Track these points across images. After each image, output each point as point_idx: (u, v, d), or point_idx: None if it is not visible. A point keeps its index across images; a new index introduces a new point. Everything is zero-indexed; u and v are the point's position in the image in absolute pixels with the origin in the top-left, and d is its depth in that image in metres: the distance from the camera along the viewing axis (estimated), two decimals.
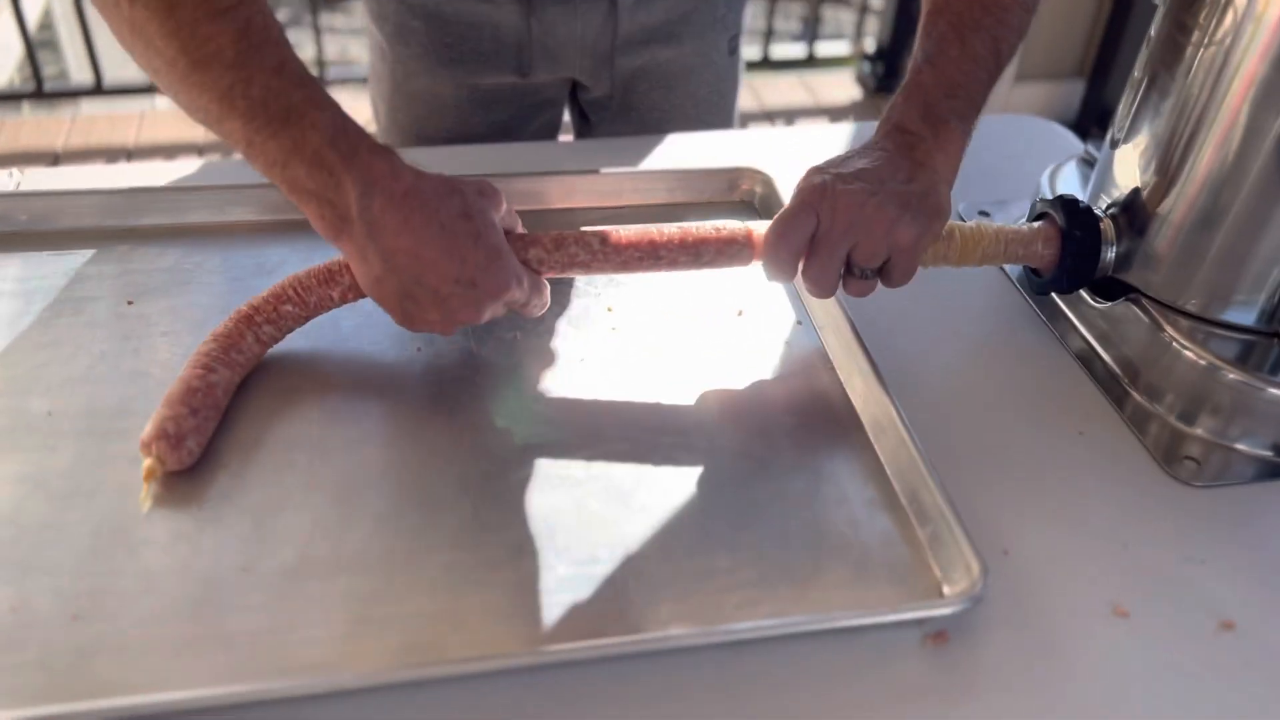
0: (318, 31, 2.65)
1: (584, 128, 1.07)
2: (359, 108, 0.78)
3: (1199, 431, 0.67)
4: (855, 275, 0.64)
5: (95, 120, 2.62)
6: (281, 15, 2.73)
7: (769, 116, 2.82)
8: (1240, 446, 0.67)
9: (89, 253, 0.75)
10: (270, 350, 0.67)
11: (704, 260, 0.65)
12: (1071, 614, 0.55)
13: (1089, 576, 0.58)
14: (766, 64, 3.03)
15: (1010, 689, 0.52)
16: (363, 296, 0.64)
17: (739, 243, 0.65)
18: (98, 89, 2.60)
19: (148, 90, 2.64)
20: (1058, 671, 0.53)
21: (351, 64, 3.07)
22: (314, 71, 2.56)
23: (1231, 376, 0.65)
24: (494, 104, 0.98)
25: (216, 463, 0.60)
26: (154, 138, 2.54)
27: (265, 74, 0.56)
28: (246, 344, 0.64)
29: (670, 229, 0.65)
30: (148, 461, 0.57)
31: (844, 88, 2.99)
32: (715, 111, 1.06)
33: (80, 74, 2.97)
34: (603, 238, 0.64)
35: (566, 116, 1.09)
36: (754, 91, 2.90)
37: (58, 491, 0.57)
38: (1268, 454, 0.66)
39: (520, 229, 0.65)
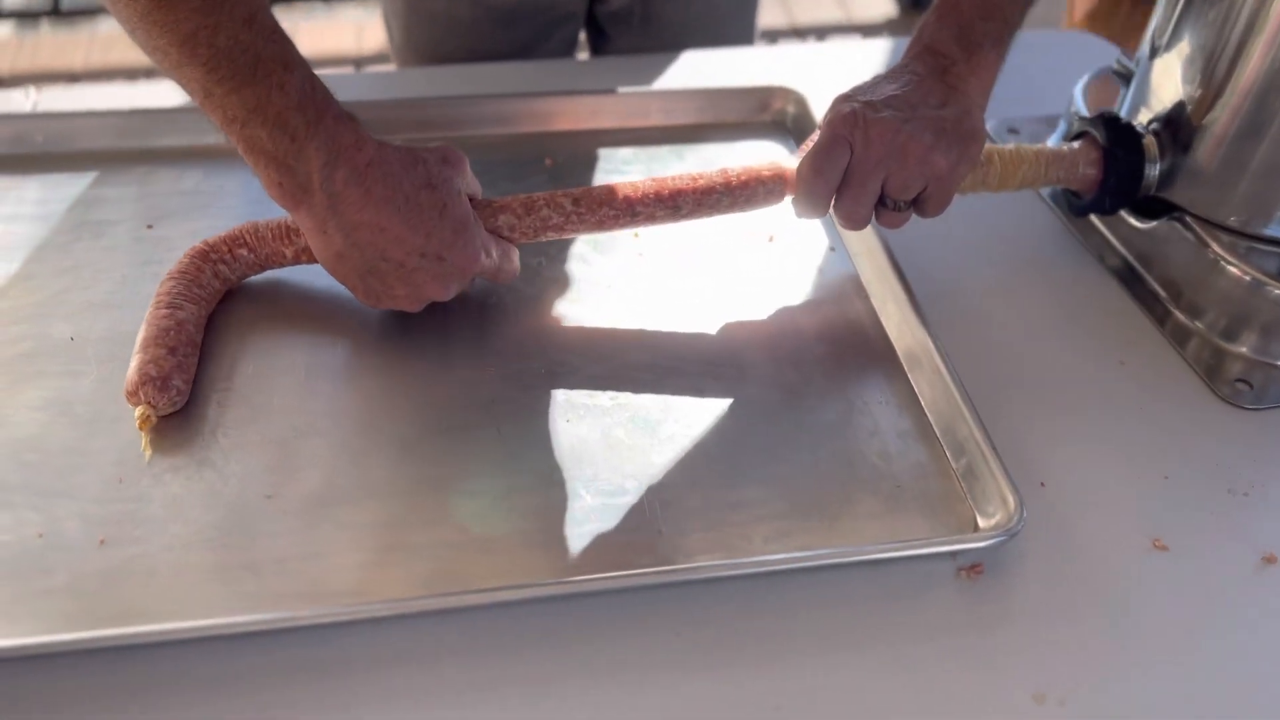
0: None
1: (600, 43, 1.04)
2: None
3: (1242, 349, 0.66)
4: (888, 207, 0.62)
5: (114, 39, 2.58)
6: None
7: (799, 33, 2.74)
8: None
9: (109, 174, 0.74)
10: (292, 276, 0.65)
11: (683, 213, 0.63)
12: (1109, 548, 0.54)
13: (1128, 509, 0.56)
14: None
15: (1045, 623, 0.51)
16: (316, 261, 0.62)
17: (717, 191, 0.62)
18: None
19: None
20: (1094, 606, 0.52)
21: None
22: None
23: (1277, 292, 0.64)
24: (511, 22, 0.95)
25: (238, 391, 0.59)
26: None
27: (235, 24, 0.51)
28: (206, 279, 0.62)
29: (644, 183, 0.62)
30: (139, 410, 0.56)
31: (878, 3, 2.90)
32: (735, 24, 1.03)
33: None
34: (575, 198, 0.62)
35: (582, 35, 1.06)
36: (785, 7, 2.81)
37: (82, 417, 0.57)
38: None
39: (480, 193, 0.63)
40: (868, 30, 2.78)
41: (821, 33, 2.76)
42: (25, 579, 0.49)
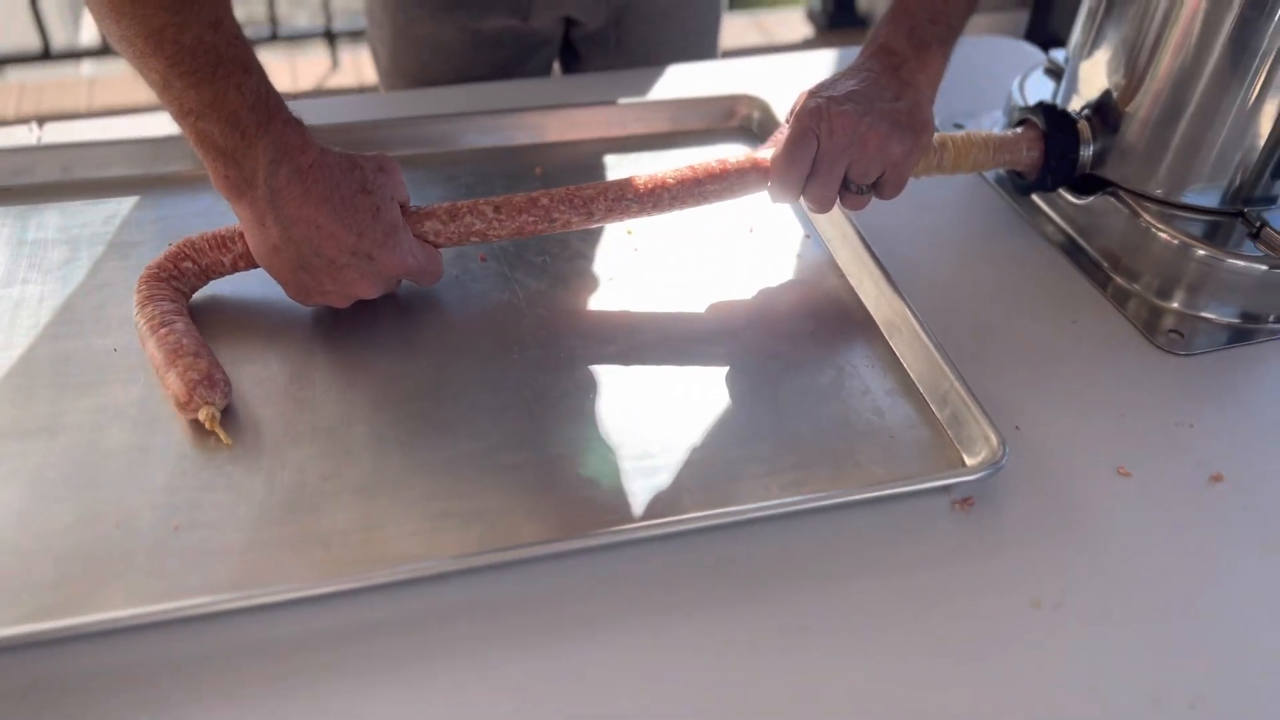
0: None
1: (574, 65, 1.10)
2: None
3: (1174, 305, 0.75)
4: (851, 191, 0.70)
5: (107, 82, 2.56)
6: None
7: (724, 55, 2.84)
8: (1209, 315, 0.74)
9: (125, 199, 0.77)
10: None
11: (596, 218, 0.69)
12: (1080, 477, 0.62)
13: (1093, 444, 0.64)
14: None
15: (1030, 545, 0.58)
16: (255, 266, 0.66)
17: (628, 198, 0.68)
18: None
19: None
20: (1071, 527, 0.59)
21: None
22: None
23: (1201, 252, 0.72)
24: (495, 46, 1.01)
25: (282, 391, 0.63)
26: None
27: (201, 25, 0.56)
28: (171, 294, 0.65)
29: (558, 191, 0.68)
30: (202, 412, 0.59)
31: (795, 26, 3.03)
32: (700, 45, 1.10)
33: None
34: (496, 206, 0.67)
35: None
36: None
37: (139, 419, 0.61)
38: (1236, 320, 0.74)
39: (410, 202, 0.68)
40: (787, 52, 2.88)
41: (745, 55, 2.86)
42: (110, 564, 0.53)
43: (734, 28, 2.98)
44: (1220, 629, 0.54)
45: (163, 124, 0.84)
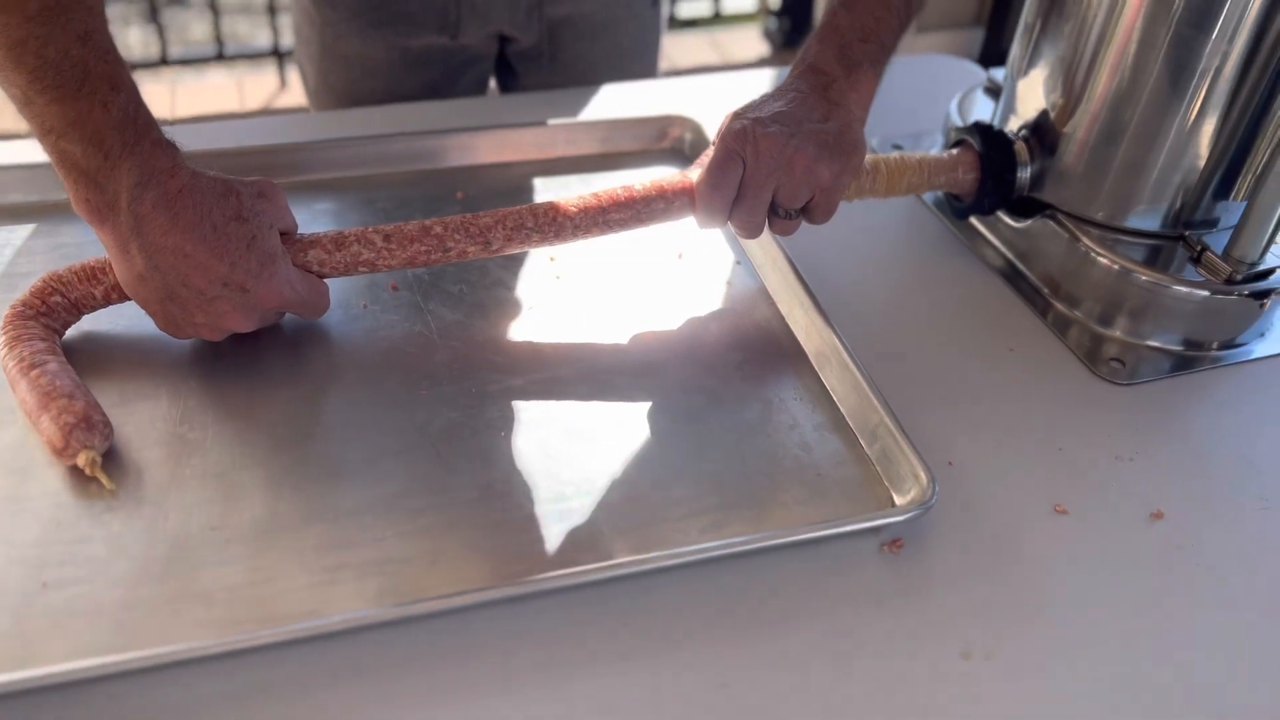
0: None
1: (510, 83, 1.07)
2: None
3: (1116, 333, 0.72)
4: (779, 215, 0.67)
5: None
6: None
7: (678, 74, 2.83)
8: (1153, 343, 0.72)
9: (20, 228, 0.73)
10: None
11: (494, 248, 0.65)
12: (1015, 515, 0.59)
13: (1029, 480, 0.61)
14: (674, 22, 3.03)
15: (965, 587, 0.55)
16: (128, 298, 0.62)
17: (527, 228, 0.65)
18: None
19: None
20: (1006, 569, 0.56)
21: None
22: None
23: (1143, 278, 0.70)
24: (425, 64, 0.98)
25: (171, 432, 0.59)
26: None
27: (68, 38, 0.53)
28: (40, 332, 0.61)
29: (453, 220, 0.65)
30: (81, 457, 0.55)
31: (751, 44, 3.02)
32: (639, 62, 1.08)
33: None
34: (386, 234, 0.64)
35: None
36: (663, 51, 2.90)
37: (13, 466, 0.57)
38: (1178, 348, 0.72)
39: (296, 229, 0.64)
40: (743, 69, 2.88)
41: (700, 74, 2.85)
42: None
43: (688, 46, 2.97)
44: (1161, 677, 0.51)
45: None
